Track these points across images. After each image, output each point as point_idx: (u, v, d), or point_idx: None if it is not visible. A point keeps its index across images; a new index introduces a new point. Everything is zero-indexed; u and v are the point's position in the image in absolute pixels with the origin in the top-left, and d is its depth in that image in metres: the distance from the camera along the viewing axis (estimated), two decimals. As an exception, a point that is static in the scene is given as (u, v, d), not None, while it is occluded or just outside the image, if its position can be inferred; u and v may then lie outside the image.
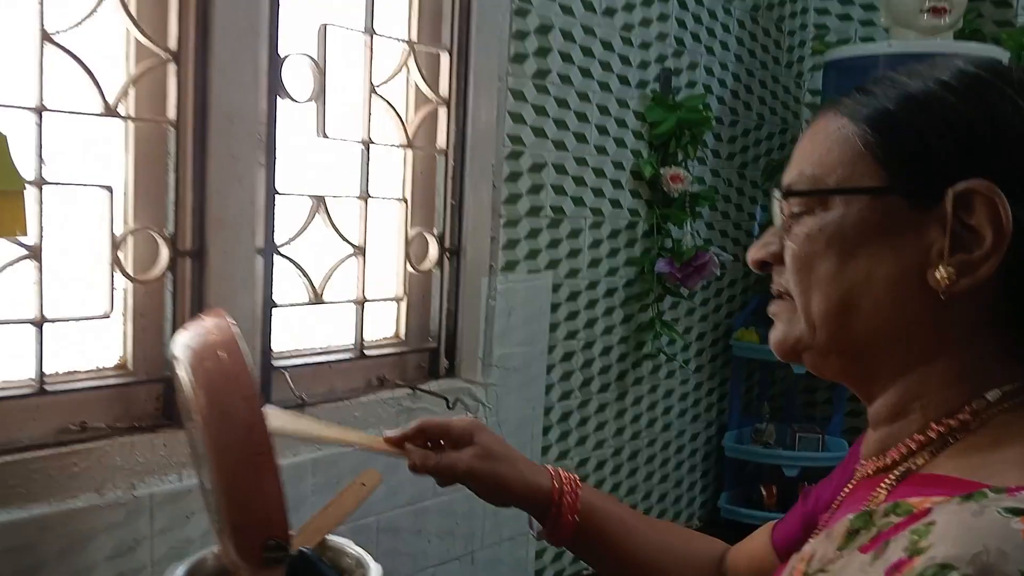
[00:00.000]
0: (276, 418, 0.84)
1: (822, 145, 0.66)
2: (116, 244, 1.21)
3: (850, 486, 0.73)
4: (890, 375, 0.66)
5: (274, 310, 1.38)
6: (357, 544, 1.15)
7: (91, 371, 1.26)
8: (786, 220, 0.67)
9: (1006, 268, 0.59)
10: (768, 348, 2.24)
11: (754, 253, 0.73)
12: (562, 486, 0.93)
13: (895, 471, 0.65)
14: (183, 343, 0.81)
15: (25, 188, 0.96)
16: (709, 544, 1.00)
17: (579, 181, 1.85)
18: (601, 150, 1.89)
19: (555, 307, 1.84)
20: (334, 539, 1.16)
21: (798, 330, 0.67)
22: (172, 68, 1.23)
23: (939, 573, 0.48)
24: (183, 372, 0.80)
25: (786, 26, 2.48)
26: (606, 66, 1.88)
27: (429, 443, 0.96)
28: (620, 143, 1.94)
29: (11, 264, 1.11)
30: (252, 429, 0.77)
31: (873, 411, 0.69)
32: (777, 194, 0.68)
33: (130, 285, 1.25)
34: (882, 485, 0.64)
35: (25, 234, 0.98)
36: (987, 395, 0.61)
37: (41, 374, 1.15)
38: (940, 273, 0.59)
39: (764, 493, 2.26)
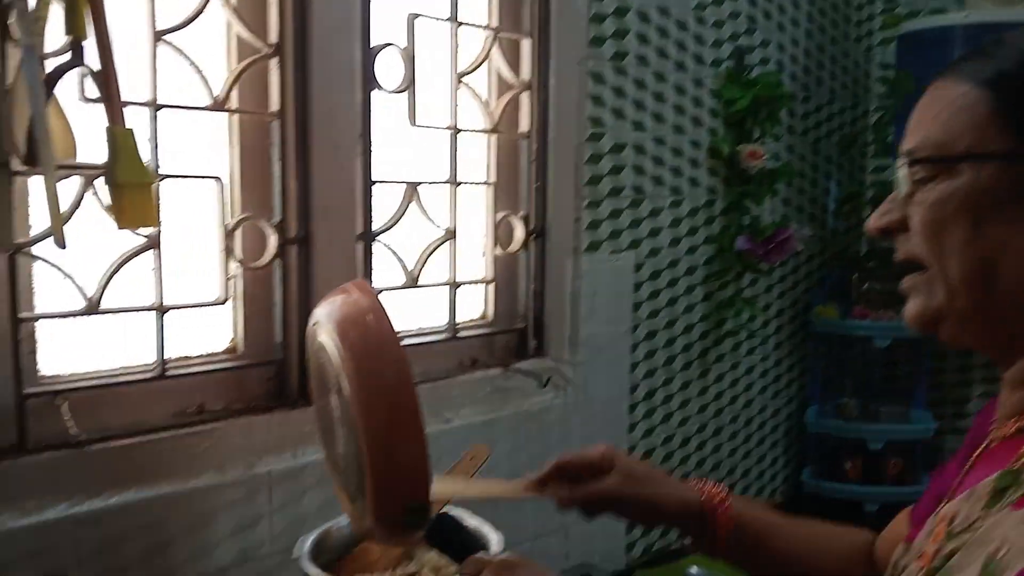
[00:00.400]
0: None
1: (945, 111, 0.67)
2: (228, 233, 1.26)
3: (985, 448, 0.74)
4: None
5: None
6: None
7: (204, 356, 1.31)
8: (910, 187, 0.68)
9: None
10: (848, 323, 2.24)
11: (875, 221, 0.73)
12: (712, 500, 0.93)
13: None
14: (326, 312, 0.83)
15: (154, 182, 1.01)
16: (854, 535, 0.99)
17: (658, 161, 1.86)
18: (678, 129, 1.90)
19: (637, 286, 1.86)
20: (450, 510, 1.19)
21: (937, 300, 0.68)
22: (274, 62, 1.28)
23: None
24: (328, 337, 0.82)
25: (855, 0, 2.45)
26: (681, 46, 1.89)
27: (568, 479, 0.95)
28: (696, 122, 1.94)
29: (135, 255, 1.16)
30: (401, 392, 0.78)
31: (1010, 374, 0.70)
32: (901, 160, 0.69)
33: (240, 272, 1.31)
34: None
35: (156, 226, 1.03)
36: None
37: (163, 359, 1.21)
38: None
39: (848, 467, 2.24)
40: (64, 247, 0.89)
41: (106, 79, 0.92)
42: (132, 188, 0.95)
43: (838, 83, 2.39)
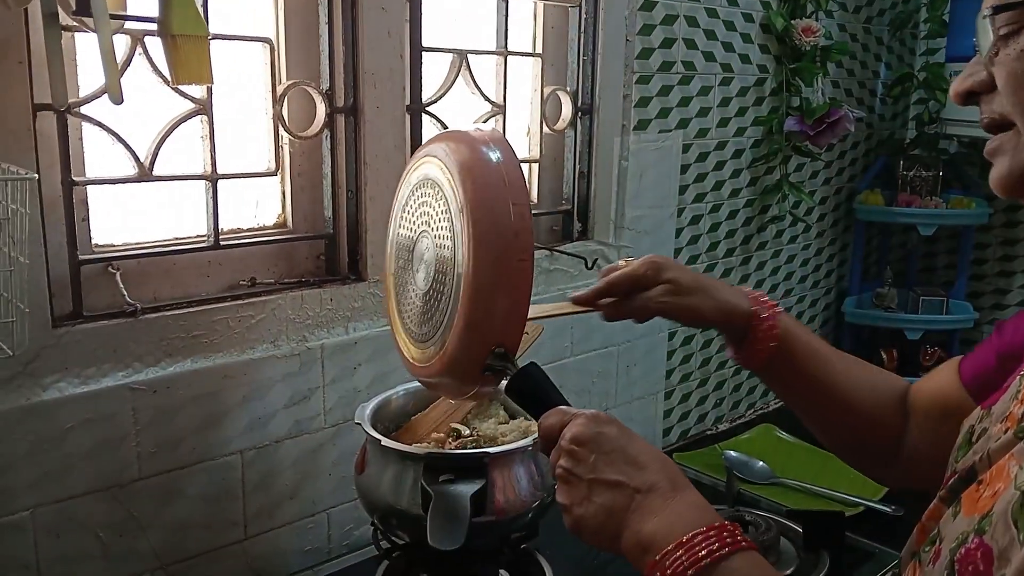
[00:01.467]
0: None
1: None
2: (277, 99, 1.21)
3: None
4: None
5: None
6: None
7: (255, 228, 1.29)
8: (996, 42, 0.64)
9: None
10: (893, 210, 2.18)
11: (959, 84, 0.69)
12: (760, 311, 0.93)
13: None
14: (445, 147, 0.81)
15: (209, 36, 0.95)
16: (893, 380, 1.00)
17: (710, 34, 1.78)
18: (732, 1, 1.81)
19: (684, 168, 1.80)
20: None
21: None
22: (324, -83, 1.20)
23: None
24: (450, 164, 0.79)
25: None
26: (737, -91, 1.77)
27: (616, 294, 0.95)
28: (751, -7, 1.85)
29: (185, 119, 1.12)
30: (519, 234, 0.76)
31: None
32: (986, 12, 0.64)
33: (288, 142, 1.26)
34: None
35: (211, 82, 0.98)
36: None
37: (216, 229, 1.18)
38: None
39: (885, 357, 2.24)
40: (120, 102, 0.85)
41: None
42: (187, 40, 0.90)
43: (894, -42, 2.27)
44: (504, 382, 0.81)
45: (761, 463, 1.72)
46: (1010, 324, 0.88)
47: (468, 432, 1.09)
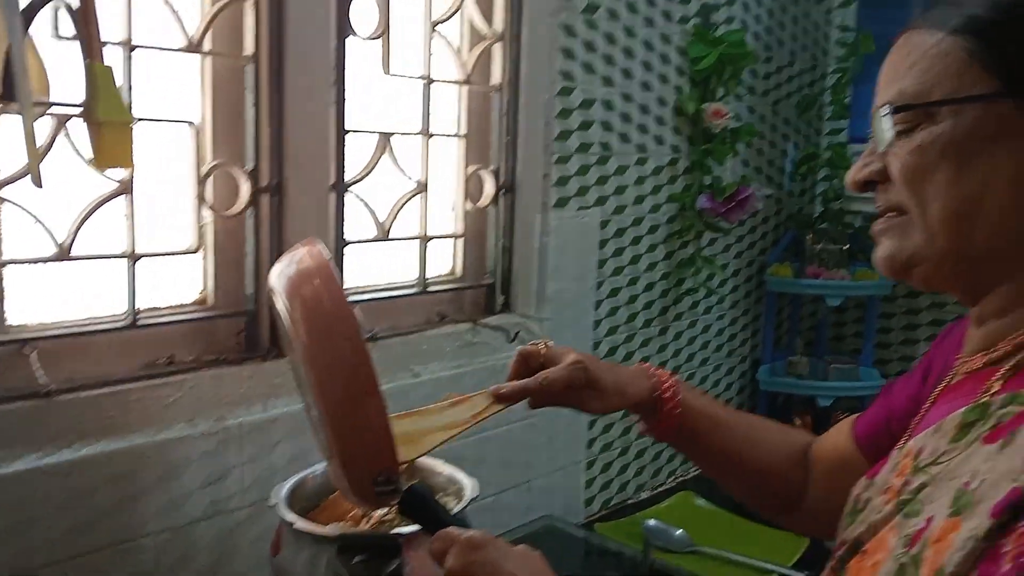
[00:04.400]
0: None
1: (920, 62, 0.68)
2: (200, 179, 1.22)
3: (948, 382, 0.76)
4: (1001, 275, 0.69)
5: (346, 247, 1.41)
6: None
7: (173, 307, 1.28)
8: (891, 138, 0.69)
9: None
10: (801, 282, 2.28)
11: (856, 174, 0.75)
12: (660, 389, 0.98)
13: (1006, 363, 0.67)
14: (278, 277, 0.81)
15: (133, 123, 0.97)
16: (794, 437, 1.04)
17: (625, 118, 1.87)
18: (646, 86, 1.90)
19: (602, 244, 1.87)
20: (422, 461, 1.20)
21: (912, 243, 0.70)
22: (249, 4, 1.24)
23: None
24: (282, 305, 0.80)
25: (816, -39, 2.47)
26: (650, 1, 1.88)
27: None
28: (663, 79, 1.95)
29: (107, 200, 1.12)
30: (357, 368, 0.76)
31: (979, 309, 0.72)
32: (883, 112, 0.70)
33: (211, 220, 1.27)
34: (994, 378, 0.67)
35: (130, 167, 0.99)
36: None
37: (134, 309, 1.18)
38: None
39: (798, 422, 2.32)
40: (41, 185, 0.86)
41: (86, 15, 0.88)
42: (111, 127, 0.92)
43: (798, 44, 2.42)
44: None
45: (680, 531, 1.76)
46: (897, 386, 0.93)
47: (385, 511, 1.09)
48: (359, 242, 1.45)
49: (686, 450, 1.03)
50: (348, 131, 1.38)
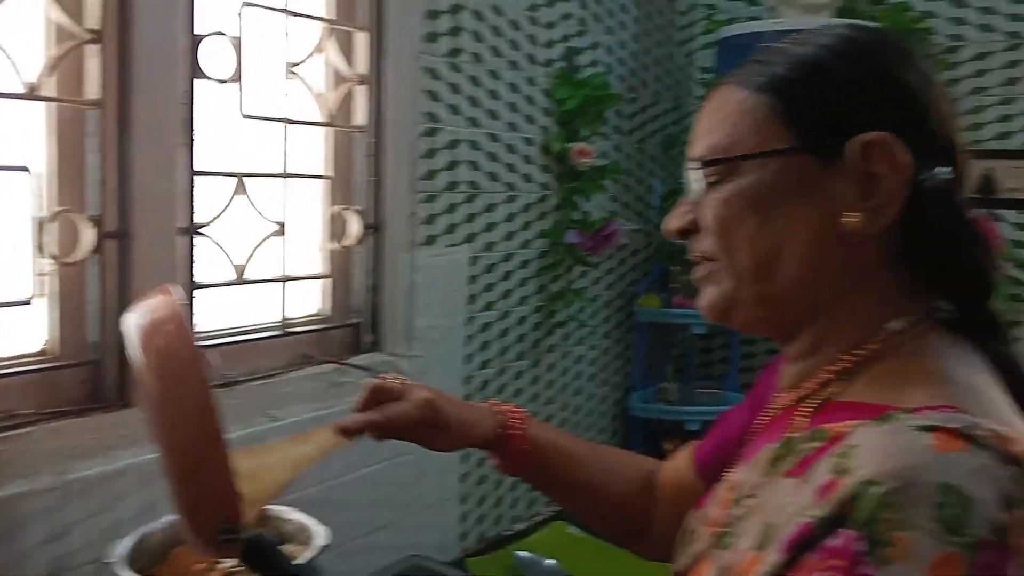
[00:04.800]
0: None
1: (729, 118, 0.72)
2: (39, 227, 1.19)
3: (767, 416, 0.80)
4: (807, 317, 0.72)
5: (198, 291, 1.38)
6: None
7: (13, 357, 1.24)
8: (702, 189, 0.73)
9: (903, 213, 0.66)
10: (670, 311, 2.37)
11: (672, 223, 0.77)
12: (508, 425, 0.98)
13: (812, 400, 0.71)
14: (132, 322, 0.80)
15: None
16: (640, 463, 1.05)
17: (492, 157, 1.91)
18: (512, 126, 1.95)
19: (473, 279, 1.90)
20: (273, 508, 1.19)
21: (727, 289, 0.73)
22: (93, 48, 1.21)
23: (866, 489, 0.54)
24: (134, 353, 0.79)
25: (679, 5, 2.59)
26: (514, 45, 1.94)
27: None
28: (530, 119, 2.00)
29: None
30: (203, 415, 0.76)
31: (791, 349, 0.75)
32: (693, 165, 0.74)
33: (53, 269, 1.24)
34: (800, 414, 0.71)
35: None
36: (891, 326, 0.68)
37: (-35, 362, 1.13)
38: (852, 219, 0.66)
39: (668, 447, 2.40)
40: None
41: None
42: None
43: (662, 85, 2.53)
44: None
45: (552, 562, 1.78)
46: (732, 414, 0.97)
47: (233, 563, 1.08)
48: (213, 286, 1.43)
49: (540, 484, 1.04)
50: (199, 173, 1.36)
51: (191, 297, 1.37)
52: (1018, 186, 2.29)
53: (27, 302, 1.19)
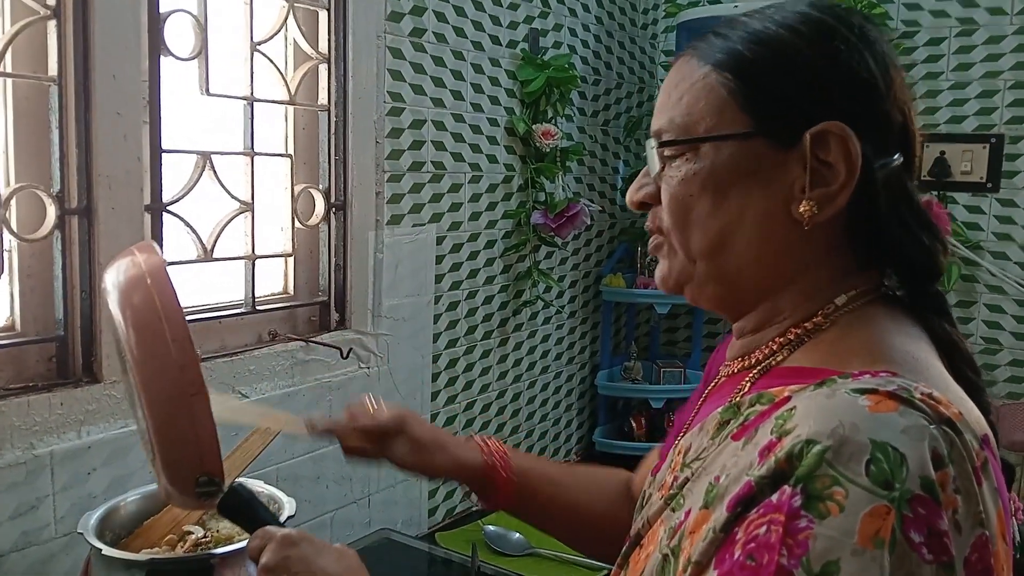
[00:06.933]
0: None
1: (688, 94, 0.72)
2: (2, 203, 1.19)
3: (714, 384, 0.83)
4: (758, 296, 0.74)
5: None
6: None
7: (-23, 334, 1.24)
8: (660, 165, 0.74)
9: (852, 197, 0.68)
10: (634, 291, 2.42)
11: (632, 196, 0.79)
12: (493, 459, 0.99)
13: (758, 368, 0.73)
14: (111, 278, 0.82)
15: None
16: (615, 475, 1.08)
17: (458, 137, 1.93)
18: (477, 107, 1.97)
19: (439, 259, 1.92)
20: (243, 480, 1.20)
21: (679, 265, 0.75)
22: (52, 24, 1.21)
23: (805, 447, 0.56)
24: (113, 307, 0.81)
25: (641, -11, 2.62)
26: (478, 26, 1.95)
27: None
28: (494, 100, 2.02)
29: None
30: (184, 368, 0.78)
31: (739, 325, 0.77)
32: (652, 142, 0.75)
33: (16, 245, 1.24)
34: (746, 380, 0.73)
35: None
36: (836, 300, 0.71)
37: (-72, 337, 1.13)
38: (804, 206, 0.67)
39: (634, 425, 2.44)
40: None
41: None
42: None
43: (625, 68, 2.56)
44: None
45: (518, 535, 1.82)
46: (687, 406, 1.00)
47: (203, 534, 1.09)
48: (180, 263, 1.43)
49: (526, 514, 1.04)
50: (164, 151, 1.37)
51: (157, 274, 1.38)
52: (970, 169, 2.35)
53: (-7, 277, 1.19)
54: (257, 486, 1.21)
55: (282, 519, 1.11)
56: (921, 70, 2.39)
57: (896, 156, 0.70)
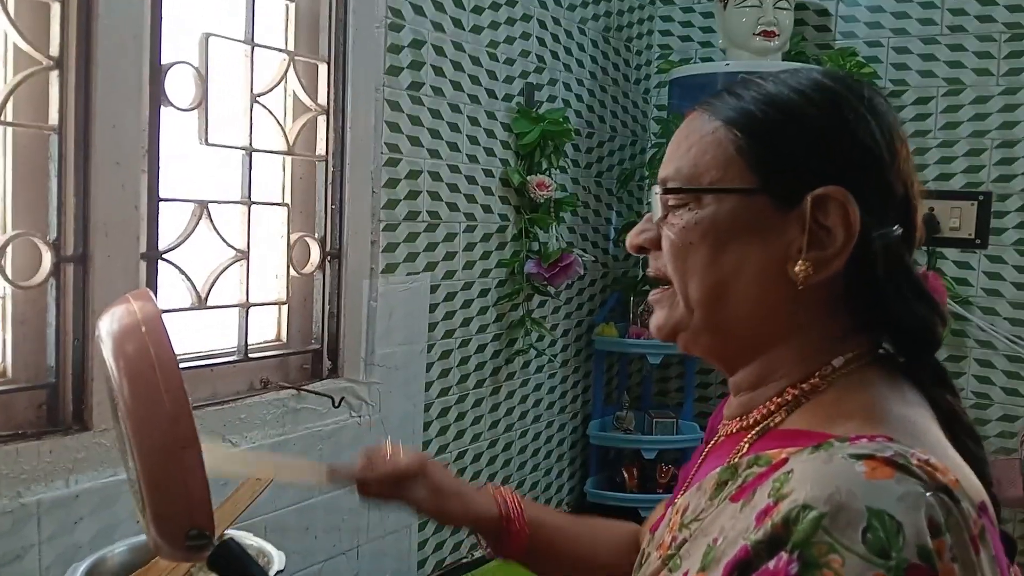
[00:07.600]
0: (212, 455, 0.81)
1: (697, 146, 0.73)
2: (-2, 250, 1.20)
3: (713, 442, 0.84)
4: (752, 351, 0.74)
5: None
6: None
7: (-32, 380, 1.23)
8: (664, 211, 0.75)
9: (849, 263, 0.68)
10: (626, 341, 2.42)
11: (632, 239, 0.79)
12: (508, 510, 0.98)
13: (756, 428, 0.73)
14: (105, 326, 0.81)
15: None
16: (623, 528, 1.07)
17: (453, 188, 1.95)
18: (472, 158, 2.00)
19: (433, 307, 1.92)
20: (232, 532, 1.19)
21: (677, 314, 0.74)
22: (55, 75, 1.23)
23: (801, 512, 0.56)
24: (107, 355, 0.80)
25: (634, 46, 2.67)
26: (475, 80, 1.99)
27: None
28: (490, 152, 2.05)
29: None
30: (177, 420, 0.76)
31: (735, 381, 0.77)
32: (657, 189, 0.76)
33: (10, 292, 1.24)
34: (744, 441, 0.73)
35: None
36: (833, 362, 0.71)
37: (-81, 383, 1.13)
38: (799, 267, 0.68)
39: (626, 476, 2.43)
40: None
41: None
42: None
43: (619, 121, 2.60)
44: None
45: (508, 589, 1.79)
46: (691, 462, 1.00)
47: (191, 583, 1.08)
48: (174, 310, 1.44)
49: (534, 564, 1.03)
50: (162, 199, 1.38)
51: (150, 321, 1.38)
52: (958, 225, 2.38)
53: (-16, 324, 1.19)
54: (247, 539, 1.19)
55: (271, 574, 1.09)
56: (909, 128, 2.44)
57: (896, 227, 0.71)
